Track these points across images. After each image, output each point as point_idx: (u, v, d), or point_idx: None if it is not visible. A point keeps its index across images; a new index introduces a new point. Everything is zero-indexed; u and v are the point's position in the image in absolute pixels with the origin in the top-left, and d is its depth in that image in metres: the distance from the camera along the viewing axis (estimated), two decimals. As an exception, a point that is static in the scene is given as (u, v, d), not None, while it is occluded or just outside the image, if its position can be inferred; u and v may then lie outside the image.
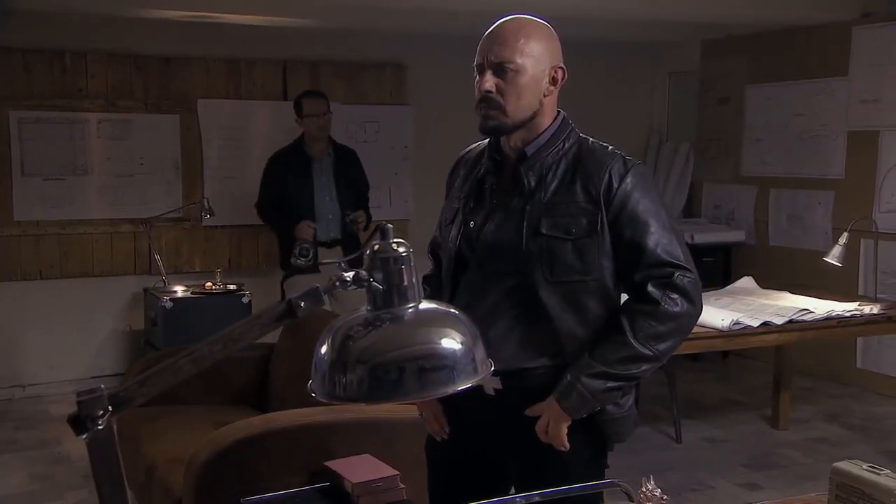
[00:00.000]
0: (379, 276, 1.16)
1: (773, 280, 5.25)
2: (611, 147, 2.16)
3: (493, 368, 1.20)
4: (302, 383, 4.11)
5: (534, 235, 2.08)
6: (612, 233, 2.07)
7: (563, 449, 2.09)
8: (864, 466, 1.76)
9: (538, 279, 2.07)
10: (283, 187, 5.32)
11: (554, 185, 2.10)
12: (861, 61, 6.17)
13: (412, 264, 1.18)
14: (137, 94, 6.27)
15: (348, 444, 3.06)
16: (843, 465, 1.78)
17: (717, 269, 6.89)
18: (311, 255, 4.95)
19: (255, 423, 3.15)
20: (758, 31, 6.78)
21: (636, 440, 2.27)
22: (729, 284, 5.34)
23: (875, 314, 4.33)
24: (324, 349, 1.17)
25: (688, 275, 2.07)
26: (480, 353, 1.18)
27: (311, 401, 3.53)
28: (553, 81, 2.12)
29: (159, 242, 6.21)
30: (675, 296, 2.05)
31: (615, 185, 2.07)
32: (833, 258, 4.59)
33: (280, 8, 5.62)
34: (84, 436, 1.02)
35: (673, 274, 2.06)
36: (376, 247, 1.17)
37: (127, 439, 3.84)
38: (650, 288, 2.06)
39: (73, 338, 6.23)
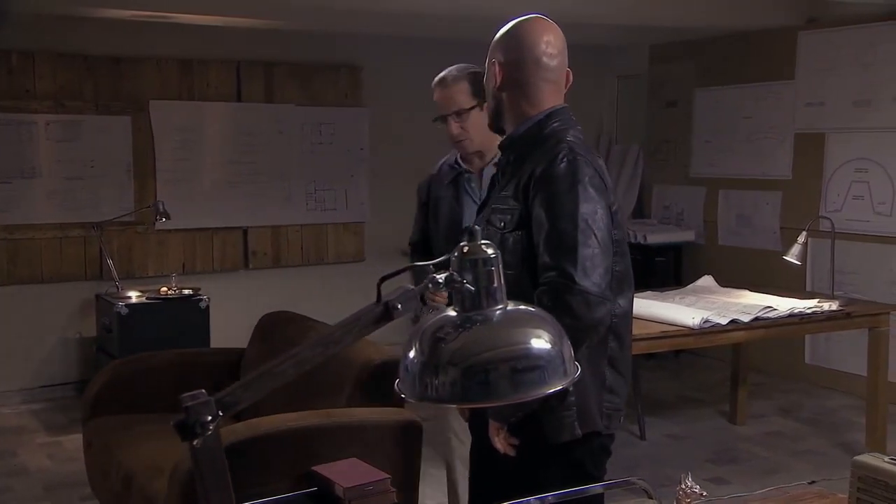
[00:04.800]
0: (468, 277, 1.15)
1: (723, 279, 5.35)
2: (566, 142, 2.06)
3: (578, 372, 1.20)
4: (275, 389, 4.05)
5: (485, 226, 2.14)
6: (530, 228, 2.04)
7: (504, 451, 2.16)
8: (886, 459, 1.80)
9: None
10: (438, 222, 3.59)
11: (509, 176, 2.14)
12: (807, 65, 6.34)
13: (500, 265, 1.18)
14: (87, 95, 6.11)
15: (333, 449, 3.04)
16: (865, 457, 1.83)
17: (669, 268, 7.03)
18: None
19: (240, 428, 3.11)
20: (705, 35, 6.92)
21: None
22: (680, 284, 5.43)
23: (834, 310, 4.45)
24: (412, 352, 1.16)
25: (569, 282, 1.92)
26: (568, 352, 1.18)
27: (287, 406, 3.46)
28: (494, 76, 2.15)
29: (111, 247, 6.05)
30: (546, 303, 1.93)
31: (535, 177, 2.03)
32: (793, 257, 4.72)
33: (233, 8, 5.53)
34: (194, 442, 0.99)
35: (549, 280, 1.95)
36: (465, 249, 1.17)
37: (98, 448, 3.75)
38: (536, 292, 1.98)
39: (21, 346, 6.04)
